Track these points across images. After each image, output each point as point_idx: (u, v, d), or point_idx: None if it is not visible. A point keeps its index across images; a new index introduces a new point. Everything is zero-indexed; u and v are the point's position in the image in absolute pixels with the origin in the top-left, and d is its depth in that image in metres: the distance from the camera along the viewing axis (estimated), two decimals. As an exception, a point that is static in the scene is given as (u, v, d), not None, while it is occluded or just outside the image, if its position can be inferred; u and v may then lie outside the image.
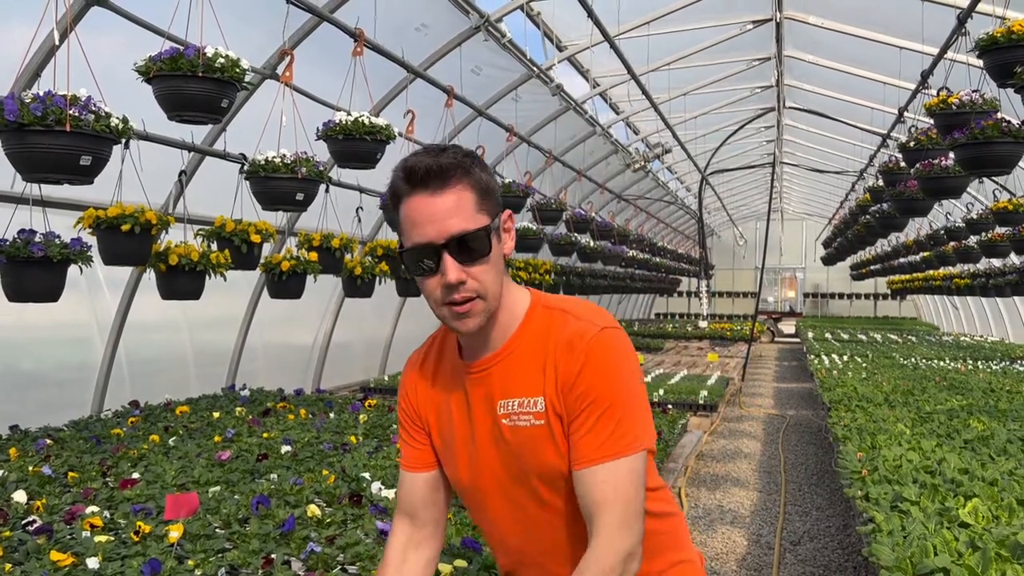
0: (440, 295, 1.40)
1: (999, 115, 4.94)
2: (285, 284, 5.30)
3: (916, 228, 14.09)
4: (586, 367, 1.39)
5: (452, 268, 1.36)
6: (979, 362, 10.96)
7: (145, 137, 4.34)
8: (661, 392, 8.28)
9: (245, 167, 4.72)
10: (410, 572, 1.59)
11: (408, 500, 1.62)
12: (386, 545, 1.63)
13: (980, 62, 4.54)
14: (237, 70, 3.67)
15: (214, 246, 4.77)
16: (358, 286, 6.05)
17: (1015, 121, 4.88)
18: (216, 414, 5.40)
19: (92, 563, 2.53)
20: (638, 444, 1.39)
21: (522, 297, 1.52)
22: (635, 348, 1.61)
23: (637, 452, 1.39)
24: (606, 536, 1.35)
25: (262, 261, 5.14)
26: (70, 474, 3.77)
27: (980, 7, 5.30)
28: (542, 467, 1.45)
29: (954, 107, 5.08)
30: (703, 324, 18.44)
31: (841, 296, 27.80)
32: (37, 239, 3.68)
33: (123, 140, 3.55)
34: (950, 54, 6.10)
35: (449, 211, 1.36)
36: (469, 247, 1.37)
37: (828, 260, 19.36)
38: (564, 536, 1.50)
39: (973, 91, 5.08)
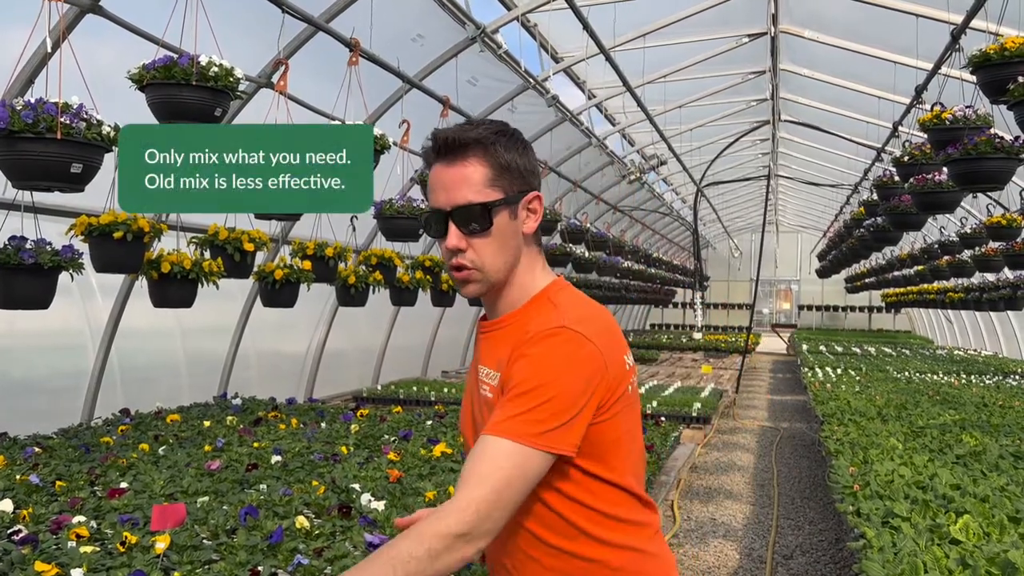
0: (445, 258, 1.50)
1: (992, 131, 4.96)
2: (278, 292, 5.30)
3: (911, 242, 14.12)
4: (526, 355, 1.39)
5: (452, 235, 1.46)
6: (972, 376, 10.97)
7: (139, 145, 4.32)
8: (654, 404, 8.25)
9: (239, 176, 4.71)
10: None
11: None
12: None
13: (973, 78, 4.56)
14: (231, 79, 3.66)
15: (207, 254, 4.76)
16: (352, 295, 6.04)
17: (1008, 137, 4.90)
18: (207, 423, 5.38)
19: (76, 574, 2.51)
20: (541, 441, 1.33)
21: (542, 282, 1.53)
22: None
23: (534, 447, 1.32)
24: (453, 505, 1.30)
25: (255, 270, 5.12)
26: (58, 483, 3.73)
27: (974, 23, 5.32)
28: None
29: (947, 122, 5.10)
30: (698, 336, 18.46)
31: (836, 308, 27.84)
32: (28, 246, 3.66)
33: (115, 148, 3.53)
34: (944, 69, 6.13)
35: (458, 182, 1.44)
36: (470, 219, 1.44)
37: (823, 273, 19.37)
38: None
39: (966, 107, 5.09)
